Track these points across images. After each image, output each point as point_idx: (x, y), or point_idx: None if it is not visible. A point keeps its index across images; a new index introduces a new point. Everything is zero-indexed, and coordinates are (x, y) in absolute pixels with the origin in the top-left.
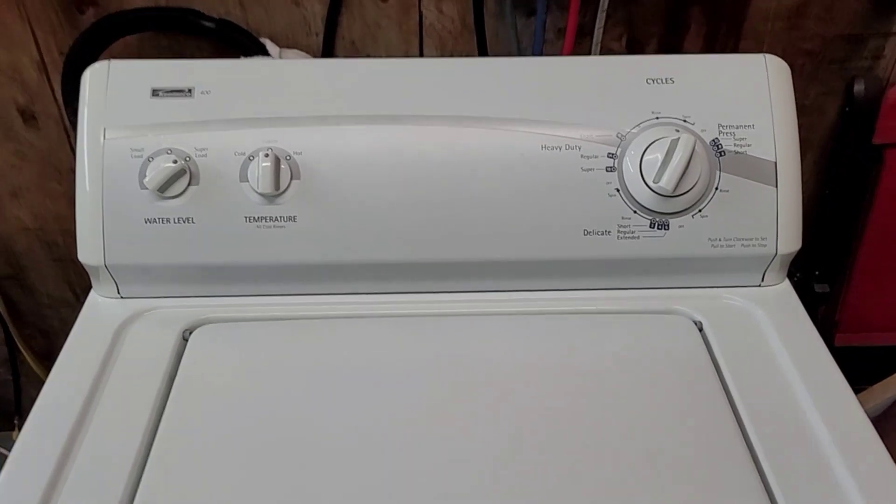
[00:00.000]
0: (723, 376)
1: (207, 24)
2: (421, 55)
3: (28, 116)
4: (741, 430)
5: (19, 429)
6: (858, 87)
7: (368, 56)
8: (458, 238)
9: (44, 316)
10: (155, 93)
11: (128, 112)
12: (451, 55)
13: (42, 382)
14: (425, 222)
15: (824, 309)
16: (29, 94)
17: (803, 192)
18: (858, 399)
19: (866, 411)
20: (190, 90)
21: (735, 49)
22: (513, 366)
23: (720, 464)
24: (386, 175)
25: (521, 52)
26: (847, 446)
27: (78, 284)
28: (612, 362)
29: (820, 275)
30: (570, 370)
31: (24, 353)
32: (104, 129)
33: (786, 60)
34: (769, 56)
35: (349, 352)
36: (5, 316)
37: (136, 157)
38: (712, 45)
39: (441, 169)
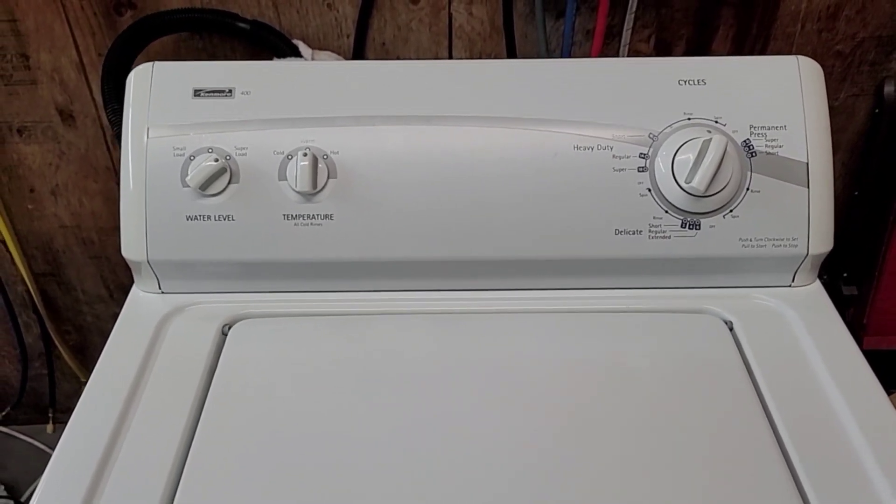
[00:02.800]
0: (753, 376)
1: (242, 25)
2: (450, 57)
3: (66, 116)
4: (773, 429)
5: (54, 422)
6: (889, 89)
7: (399, 58)
8: (491, 236)
9: (79, 312)
10: (197, 93)
11: (170, 112)
12: (481, 56)
13: (76, 377)
14: (459, 221)
15: (852, 311)
16: (68, 94)
17: None
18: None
19: None
20: (230, 91)
21: (764, 50)
22: (545, 363)
23: (752, 464)
24: (420, 174)
25: (549, 54)
26: (880, 447)
27: (112, 281)
28: (643, 361)
29: (848, 277)
30: (599, 369)
31: (60, 348)
32: (147, 129)
33: (816, 61)
34: (802, 58)
35: (385, 347)
36: (42, 311)
37: (178, 155)
38: (741, 46)
39: (474, 168)
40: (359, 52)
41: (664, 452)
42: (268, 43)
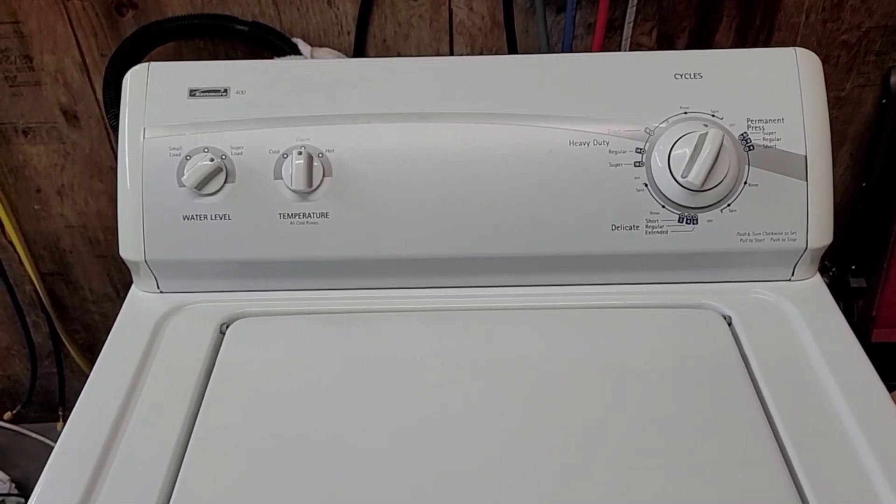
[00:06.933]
0: (752, 371)
1: (240, 27)
2: (451, 52)
3: (71, 116)
4: (771, 425)
5: (63, 420)
6: (895, 79)
7: (399, 54)
8: (488, 233)
9: (87, 310)
10: (192, 93)
11: (166, 112)
12: (482, 52)
13: (85, 375)
14: (455, 218)
15: (861, 304)
16: (71, 94)
17: (839, 185)
18: (893, 397)
19: None
20: (226, 90)
21: (768, 41)
22: (543, 360)
23: (750, 460)
24: (416, 171)
25: (550, 48)
26: (879, 443)
27: (119, 280)
28: (642, 357)
29: (856, 269)
30: (598, 365)
31: (68, 347)
32: (144, 129)
33: (821, 52)
34: (800, 49)
35: (382, 345)
36: (50, 311)
37: (174, 155)
38: (745, 37)
39: (470, 165)
40: (360, 49)
41: (662, 449)
42: (267, 42)
